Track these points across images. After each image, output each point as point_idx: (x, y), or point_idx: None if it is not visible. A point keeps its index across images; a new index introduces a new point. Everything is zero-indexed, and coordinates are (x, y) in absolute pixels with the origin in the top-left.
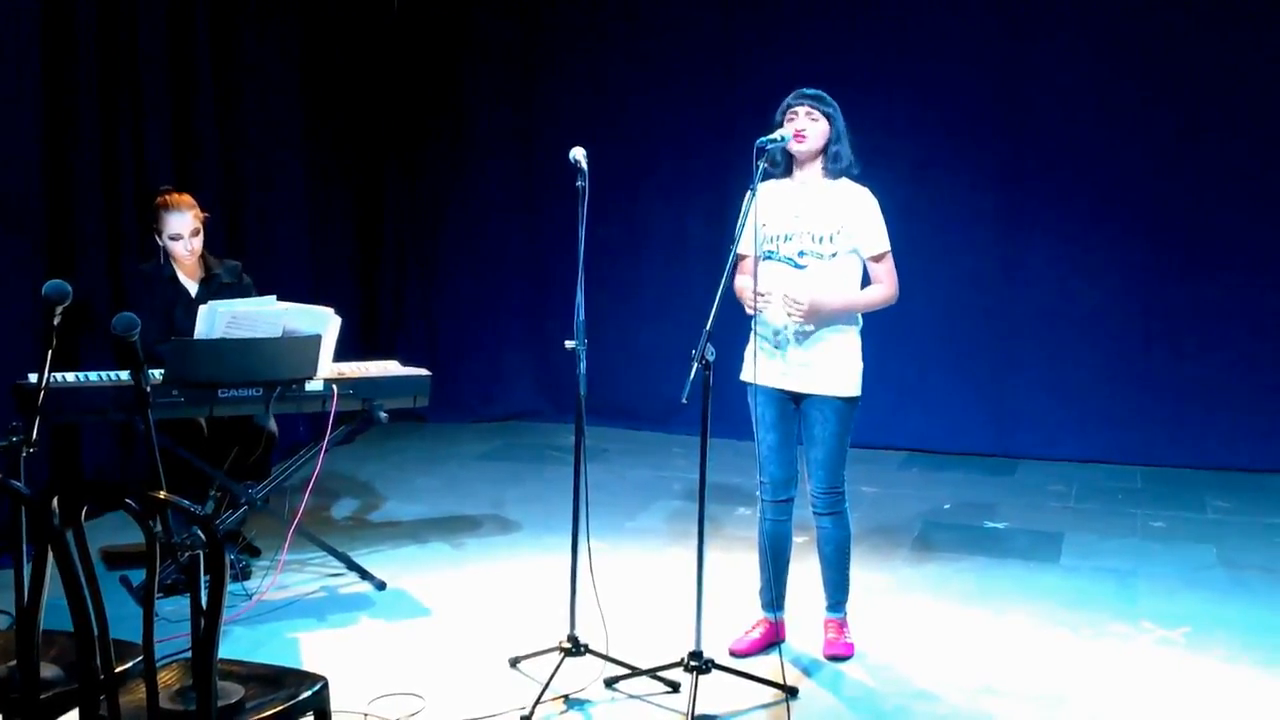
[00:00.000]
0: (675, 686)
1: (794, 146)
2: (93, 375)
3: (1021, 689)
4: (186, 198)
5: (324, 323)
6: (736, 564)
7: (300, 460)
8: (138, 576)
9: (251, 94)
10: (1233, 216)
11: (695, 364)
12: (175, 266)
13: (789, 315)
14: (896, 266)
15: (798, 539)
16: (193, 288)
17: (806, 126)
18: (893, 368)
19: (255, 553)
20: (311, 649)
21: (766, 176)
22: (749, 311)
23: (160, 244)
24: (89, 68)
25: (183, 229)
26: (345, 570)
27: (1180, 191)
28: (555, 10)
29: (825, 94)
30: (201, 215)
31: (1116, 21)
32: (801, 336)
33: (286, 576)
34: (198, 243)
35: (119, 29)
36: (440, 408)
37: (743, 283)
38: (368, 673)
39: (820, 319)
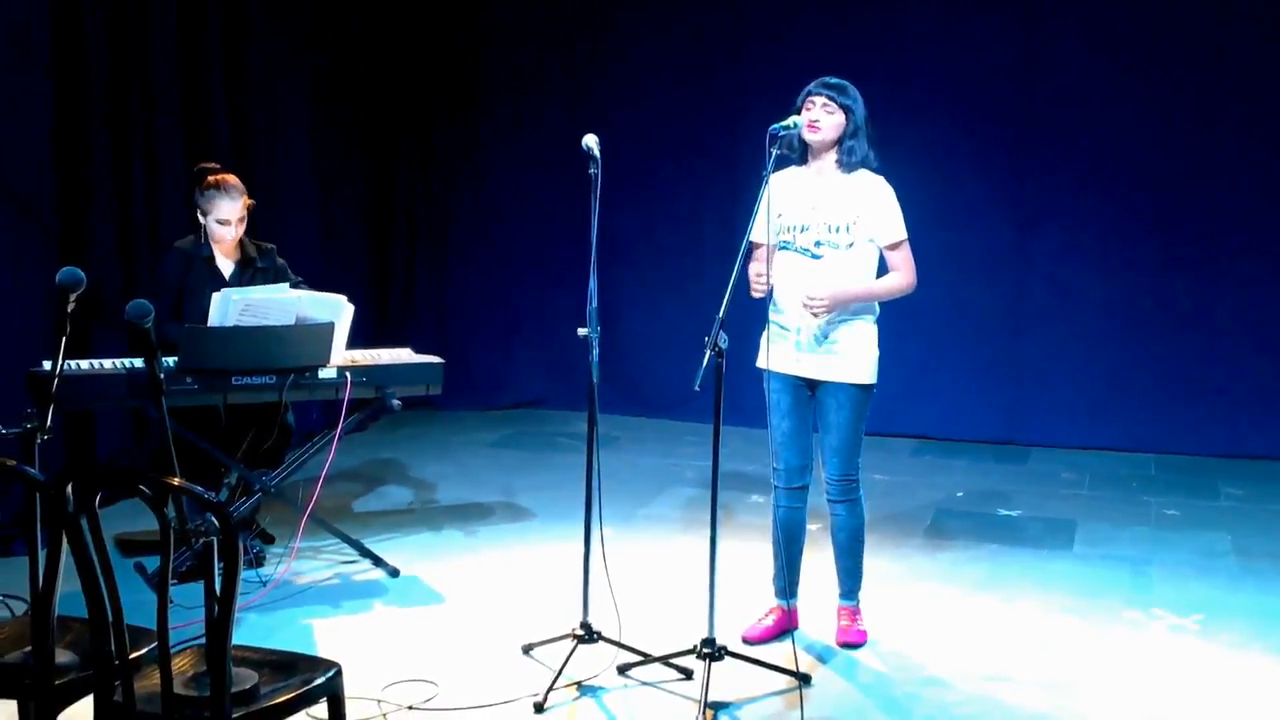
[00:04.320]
0: (688, 674)
1: (807, 135)
2: (106, 362)
3: (1034, 676)
4: (237, 181)
5: (337, 310)
6: (749, 551)
7: (314, 447)
8: (152, 563)
9: (262, 83)
10: (1246, 205)
11: (708, 351)
12: (214, 247)
13: (814, 315)
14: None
15: (811, 526)
16: (228, 269)
17: (820, 118)
18: (906, 355)
19: (270, 539)
20: (325, 635)
21: (783, 162)
22: (753, 295)
23: (202, 223)
24: (98, 57)
25: (231, 215)
26: (359, 557)
27: (1193, 179)
28: None
29: (849, 85)
30: (249, 202)
31: (1130, 12)
32: (828, 324)
33: (300, 563)
34: (241, 229)
35: (129, 19)
36: (453, 395)
37: (756, 269)
38: (381, 659)
39: (840, 306)
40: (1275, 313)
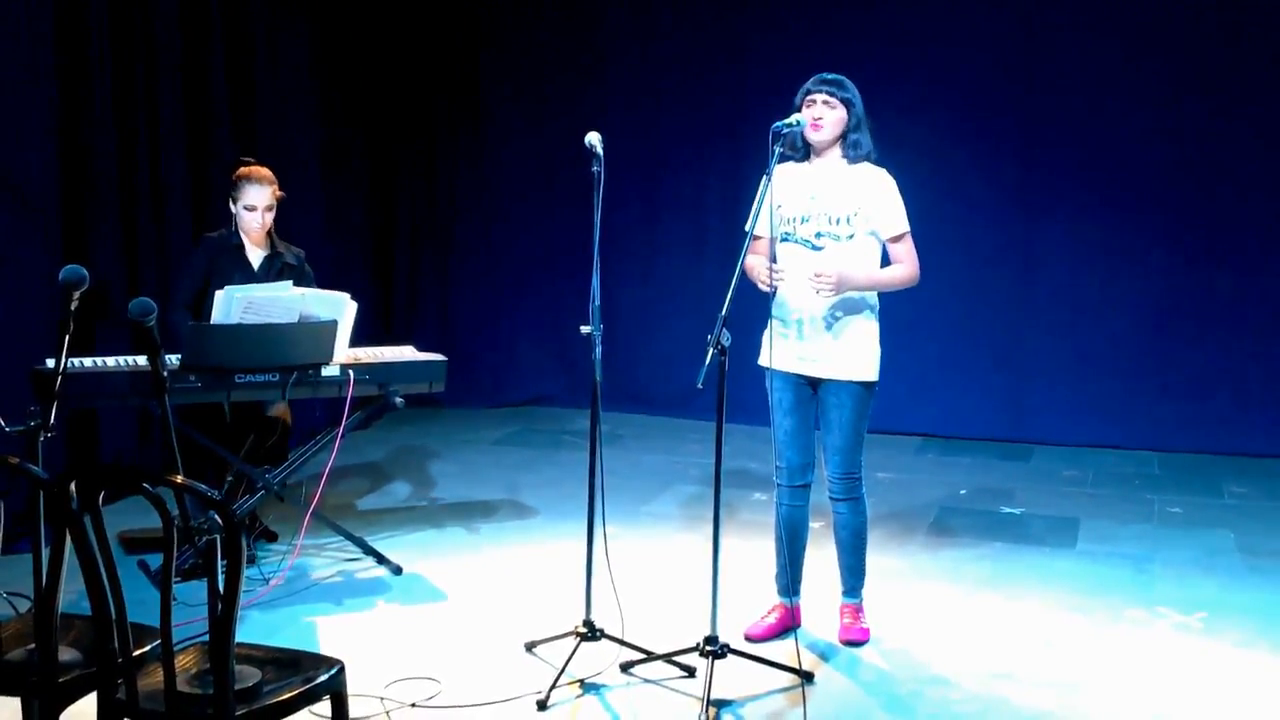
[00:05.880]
0: (691, 671)
1: (810, 135)
2: (110, 360)
3: (1037, 674)
4: (268, 173)
5: (340, 308)
6: (752, 549)
7: (316, 445)
8: (155, 561)
9: (266, 82)
10: (1252, 202)
11: (711, 349)
12: (244, 237)
13: (817, 291)
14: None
15: (814, 524)
16: (257, 259)
17: (823, 114)
18: (909, 353)
19: (272, 537)
20: (328, 633)
21: (785, 160)
22: (763, 288)
23: (233, 212)
24: (102, 57)
25: (258, 201)
26: (362, 555)
27: (1198, 177)
28: None
29: (846, 80)
30: (279, 194)
31: (1136, 8)
32: (826, 320)
33: (303, 561)
34: (269, 218)
35: (132, 18)
36: (456, 393)
37: (755, 261)
38: (384, 657)
39: (847, 289)
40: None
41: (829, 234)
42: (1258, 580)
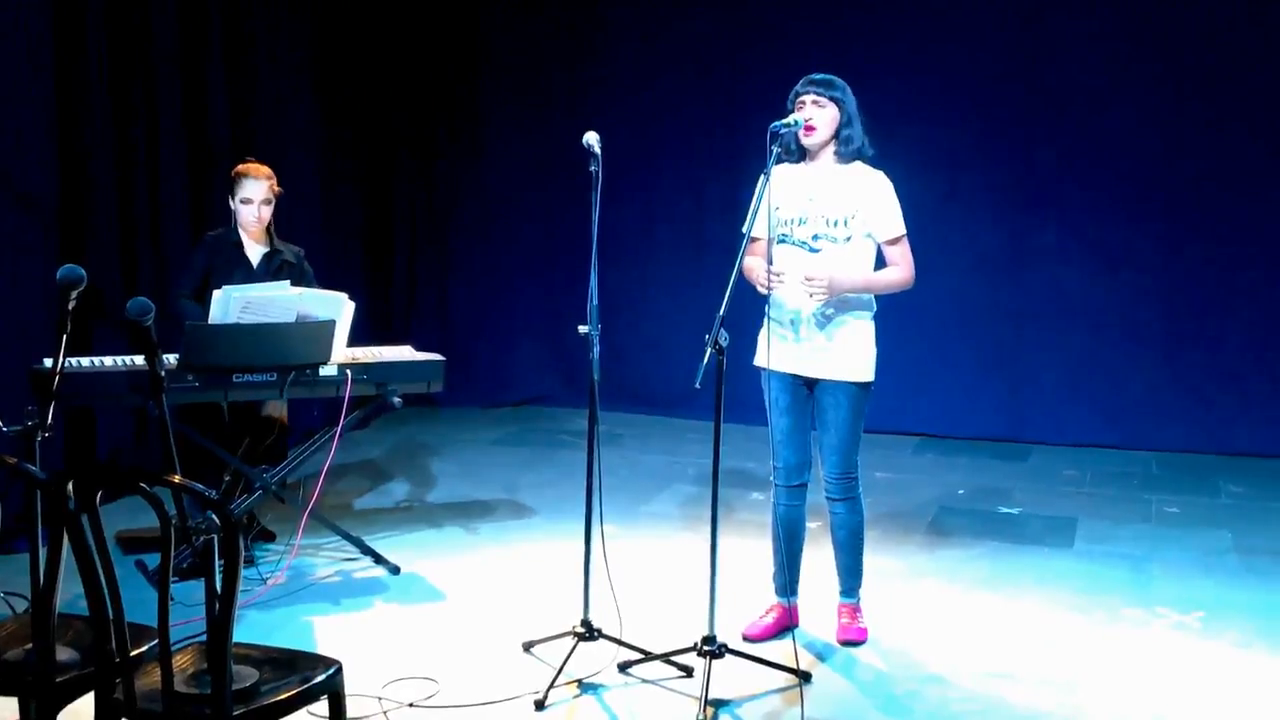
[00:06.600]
0: (689, 671)
1: (804, 139)
2: (107, 360)
3: (1035, 674)
4: (265, 168)
5: (338, 308)
6: (750, 549)
7: (314, 445)
8: (153, 560)
9: (264, 81)
10: (1248, 203)
11: (709, 349)
12: (242, 233)
13: (810, 295)
14: (911, 250)
15: (811, 524)
16: (255, 256)
17: (814, 115)
18: (907, 353)
19: (270, 537)
20: (326, 633)
21: (780, 161)
22: (761, 291)
23: (232, 208)
24: (101, 58)
25: (255, 195)
26: (359, 555)
27: (1196, 177)
28: None
29: (835, 78)
30: (277, 189)
31: (1136, 7)
32: (821, 321)
33: (301, 561)
34: (267, 212)
35: (130, 18)
36: (454, 392)
37: (753, 263)
38: (382, 657)
39: (839, 295)
40: (1277, 310)
41: (826, 236)
42: (1255, 580)
